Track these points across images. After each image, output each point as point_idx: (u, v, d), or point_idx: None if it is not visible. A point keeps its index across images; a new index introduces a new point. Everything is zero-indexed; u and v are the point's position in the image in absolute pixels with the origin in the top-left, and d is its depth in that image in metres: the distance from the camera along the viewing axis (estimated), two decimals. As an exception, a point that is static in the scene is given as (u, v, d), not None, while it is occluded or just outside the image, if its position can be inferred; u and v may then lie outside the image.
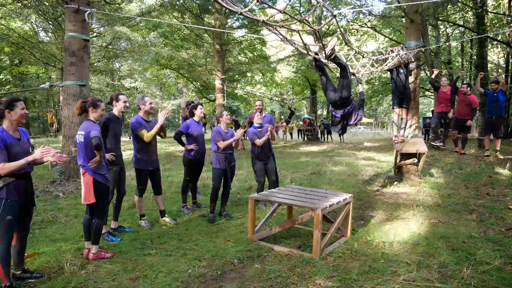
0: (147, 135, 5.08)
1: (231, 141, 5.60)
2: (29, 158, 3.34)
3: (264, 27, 3.95)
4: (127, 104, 4.92)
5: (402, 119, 7.75)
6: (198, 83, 24.50)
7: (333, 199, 4.57)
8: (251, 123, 6.43)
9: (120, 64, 44.34)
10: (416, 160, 7.85)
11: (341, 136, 24.45)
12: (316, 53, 5.17)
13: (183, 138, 6.14)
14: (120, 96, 4.89)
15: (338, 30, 4.44)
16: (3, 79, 20.55)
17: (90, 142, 3.97)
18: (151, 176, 5.38)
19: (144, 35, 23.73)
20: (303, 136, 25.40)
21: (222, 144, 5.55)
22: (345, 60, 5.67)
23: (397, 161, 8.17)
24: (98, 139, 3.93)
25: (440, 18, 17.91)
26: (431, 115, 20.72)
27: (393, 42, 20.83)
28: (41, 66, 19.07)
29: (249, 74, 25.48)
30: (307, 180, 9.00)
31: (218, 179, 5.71)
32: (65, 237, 4.90)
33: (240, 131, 5.70)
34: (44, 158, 3.47)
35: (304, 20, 3.84)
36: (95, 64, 22.42)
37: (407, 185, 7.88)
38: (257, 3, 3.26)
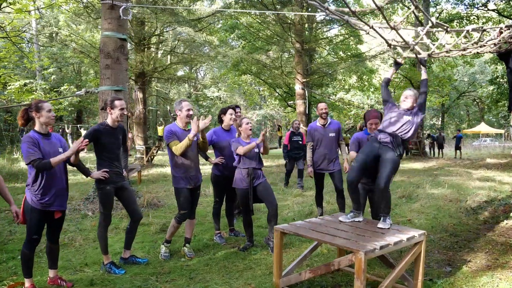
0: (175, 147, 4.68)
1: (253, 145, 4.94)
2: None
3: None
4: (125, 112, 4.53)
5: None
6: (282, 89, 23.96)
7: (392, 237, 3.61)
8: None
9: (204, 73, 46.38)
10: (545, 183, 6.28)
11: (458, 151, 21.97)
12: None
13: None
14: (116, 102, 4.41)
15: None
16: (67, 89, 22.59)
17: None
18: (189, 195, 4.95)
19: (223, 38, 24.19)
20: (406, 150, 23.28)
21: (242, 150, 4.93)
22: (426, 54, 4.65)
23: (517, 183, 6.65)
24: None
25: None
26: None
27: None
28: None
29: (339, 77, 24.24)
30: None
31: (243, 201, 5.11)
32: (66, 265, 4.69)
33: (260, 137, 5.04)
34: None
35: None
36: (177, 74, 23.34)
37: (531, 218, 6.33)
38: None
